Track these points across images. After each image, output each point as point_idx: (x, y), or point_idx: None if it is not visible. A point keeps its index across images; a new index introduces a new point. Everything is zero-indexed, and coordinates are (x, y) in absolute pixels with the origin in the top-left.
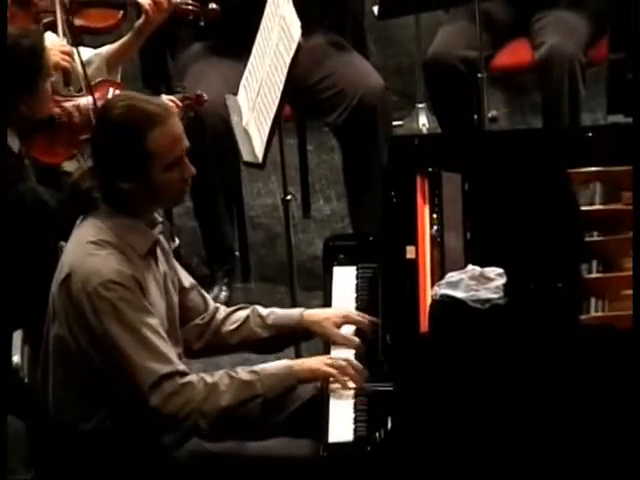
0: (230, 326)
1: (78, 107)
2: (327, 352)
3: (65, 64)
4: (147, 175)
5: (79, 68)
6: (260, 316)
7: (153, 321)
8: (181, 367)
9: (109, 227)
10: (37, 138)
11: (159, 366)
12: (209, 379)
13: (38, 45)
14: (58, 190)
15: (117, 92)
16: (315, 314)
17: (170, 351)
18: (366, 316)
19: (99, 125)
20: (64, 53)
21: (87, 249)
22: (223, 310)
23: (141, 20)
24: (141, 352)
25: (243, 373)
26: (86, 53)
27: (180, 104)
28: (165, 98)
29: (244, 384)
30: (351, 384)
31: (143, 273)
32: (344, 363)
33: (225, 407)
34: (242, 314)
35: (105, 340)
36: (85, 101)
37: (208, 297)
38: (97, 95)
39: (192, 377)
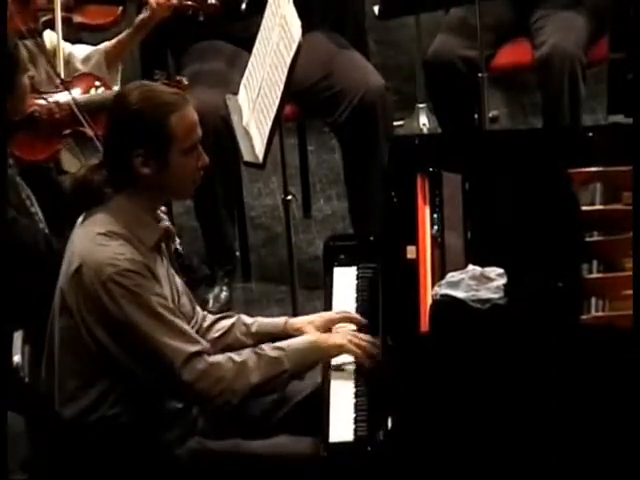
0: (215, 333)
1: (57, 102)
2: None
3: None
4: (166, 159)
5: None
6: (245, 324)
7: (171, 305)
8: (207, 346)
9: (117, 220)
10: (18, 137)
11: (187, 345)
12: (237, 358)
13: (10, 40)
14: (54, 188)
15: (99, 84)
16: (298, 320)
17: (193, 332)
18: (353, 315)
19: (117, 113)
20: None
21: (97, 240)
22: (209, 318)
23: (144, 15)
24: (167, 333)
25: (269, 349)
26: (85, 49)
27: None
28: None
29: (272, 360)
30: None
31: (153, 264)
32: (366, 343)
33: (255, 384)
34: (227, 322)
35: (126, 326)
36: (64, 96)
37: (196, 304)
38: (78, 89)
39: (220, 356)
